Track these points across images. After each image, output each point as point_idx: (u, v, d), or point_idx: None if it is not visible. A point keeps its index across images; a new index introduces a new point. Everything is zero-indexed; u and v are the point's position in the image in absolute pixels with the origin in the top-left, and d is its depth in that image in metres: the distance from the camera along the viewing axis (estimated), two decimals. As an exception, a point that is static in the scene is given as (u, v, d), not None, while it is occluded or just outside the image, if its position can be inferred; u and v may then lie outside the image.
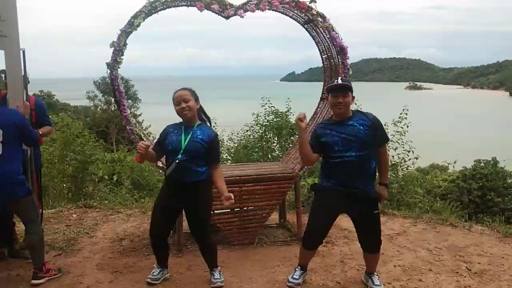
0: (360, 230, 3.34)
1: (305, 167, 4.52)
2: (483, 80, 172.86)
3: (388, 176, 3.45)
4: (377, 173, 3.31)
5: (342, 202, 3.18)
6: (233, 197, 3.20)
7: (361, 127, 3.14)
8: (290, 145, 6.88)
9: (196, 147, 3.17)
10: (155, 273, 3.49)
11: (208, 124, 3.42)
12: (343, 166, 3.13)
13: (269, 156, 8.22)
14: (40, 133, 3.90)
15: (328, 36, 4.30)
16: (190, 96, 3.21)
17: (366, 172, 3.18)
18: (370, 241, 3.32)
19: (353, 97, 3.21)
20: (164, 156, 3.34)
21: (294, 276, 3.46)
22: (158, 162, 3.99)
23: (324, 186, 3.27)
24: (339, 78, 3.22)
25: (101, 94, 34.55)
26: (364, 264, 3.62)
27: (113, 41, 3.69)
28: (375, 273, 3.49)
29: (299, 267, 3.51)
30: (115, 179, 8.90)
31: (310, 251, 3.43)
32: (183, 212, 3.48)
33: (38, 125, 3.93)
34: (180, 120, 3.29)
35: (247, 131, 9.23)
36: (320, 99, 4.86)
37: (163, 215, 3.32)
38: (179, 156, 3.14)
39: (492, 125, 57.42)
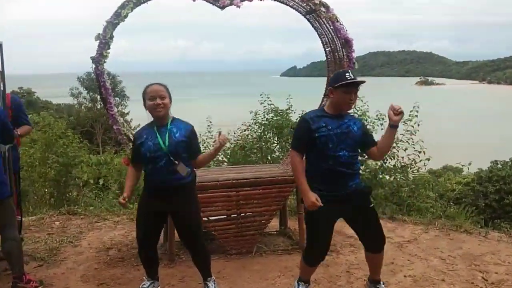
0: (359, 227, 3.29)
1: None
2: (500, 75, 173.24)
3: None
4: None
5: (337, 207, 3.14)
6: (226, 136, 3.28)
7: (355, 127, 3.16)
8: (291, 146, 6.89)
9: (177, 146, 3.17)
10: (145, 286, 3.47)
11: None
12: (336, 166, 3.09)
13: (269, 157, 8.21)
14: (19, 133, 3.90)
15: (331, 27, 4.30)
16: (166, 93, 3.19)
17: (356, 172, 3.21)
18: (372, 237, 3.26)
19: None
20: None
21: None
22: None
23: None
24: (349, 71, 3.12)
25: (86, 91, 34.57)
26: (371, 274, 3.62)
27: (99, 34, 3.69)
28: (381, 282, 3.44)
29: (302, 282, 3.43)
30: (101, 183, 8.90)
31: (314, 267, 3.41)
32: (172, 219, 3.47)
33: (15, 124, 3.91)
34: (146, 121, 3.26)
35: (245, 130, 9.22)
36: (324, 95, 4.86)
37: (150, 222, 3.31)
38: (163, 160, 3.13)
39: (510, 123, 57.56)
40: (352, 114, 3.40)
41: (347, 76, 3.04)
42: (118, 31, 3.75)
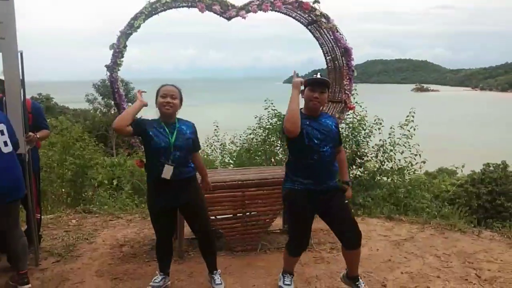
0: (335, 223, 3.21)
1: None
2: (492, 82, 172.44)
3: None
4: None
5: (315, 201, 3.14)
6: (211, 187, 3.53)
7: (332, 125, 3.21)
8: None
9: (187, 143, 3.21)
10: (157, 280, 3.49)
11: None
12: (320, 161, 3.09)
13: (272, 160, 8.20)
14: (38, 136, 3.92)
15: (332, 37, 4.31)
16: (177, 94, 3.21)
17: (335, 169, 3.23)
18: (349, 233, 3.16)
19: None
20: (143, 156, 3.33)
21: (286, 282, 3.41)
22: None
23: (296, 189, 3.17)
24: (319, 73, 3.21)
25: (101, 97, 34.73)
26: (370, 272, 3.61)
27: (113, 43, 3.71)
28: (359, 278, 3.35)
29: (287, 274, 3.44)
30: (115, 184, 8.91)
31: (297, 257, 3.42)
32: (182, 216, 3.48)
33: (36, 128, 3.95)
34: (152, 116, 3.25)
35: (250, 134, 9.23)
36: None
37: (164, 218, 3.30)
38: (171, 155, 3.13)
39: (501, 128, 57.23)
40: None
41: (313, 76, 3.16)
42: (131, 40, 3.77)
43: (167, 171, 3.13)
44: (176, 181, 3.17)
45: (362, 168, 7.38)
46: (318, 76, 3.15)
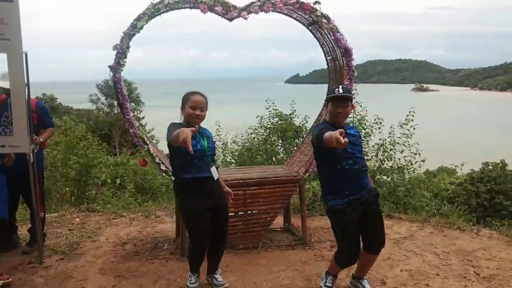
0: (367, 230, 3.20)
1: (310, 169, 4.50)
2: (491, 82, 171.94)
3: None
4: None
5: (359, 209, 3.11)
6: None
7: (357, 135, 3.24)
8: (295, 148, 6.88)
9: (214, 146, 3.36)
10: (193, 280, 3.41)
11: None
12: (355, 169, 3.08)
13: (274, 159, 8.21)
14: (41, 140, 3.93)
15: (332, 37, 4.30)
16: (205, 106, 3.21)
17: (366, 172, 3.23)
18: (377, 240, 3.21)
19: (354, 106, 3.22)
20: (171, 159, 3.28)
21: (327, 284, 3.35)
22: (162, 165, 4.00)
23: (339, 205, 3.09)
24: (340, 86, 3.13)
25: (104, 97, 34.71)
26: (370, 270, 3.59)
27: (116, 44, 3.71)
28: (365, 278, 3.40)
29: (331, 276, 3.36)
30: (118, 183, 8.92)
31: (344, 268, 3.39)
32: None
33: (40, 126, 3.98)
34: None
35: (251, 133, 9.24)
36: (325, 101, 4.85)
37: (207, 221, 3.20)
38: (208, 157, 3.19)
39: (500, 127, 57.10)
40: (350, 119, 3.42)
41: (335, 91, 3.07)
42: (134, 41, 3.77)
43: (214, 172, 3.21)
44: (215, 182, 3.24)
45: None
46: (340, 90, 3.06)
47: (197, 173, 3.13)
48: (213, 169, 3.20)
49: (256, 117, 9.16)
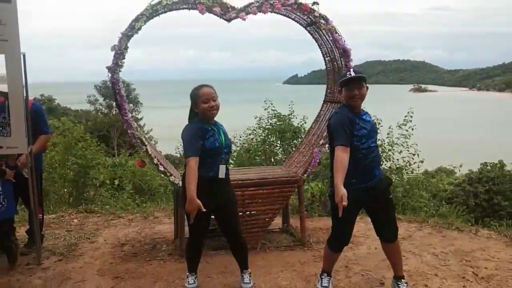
0: (380, 218, 3.25)
1: (309, 170, 4.51)
2: (489, 82, 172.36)
3: None
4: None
5: (363, 197, 3.13)
6: None
7: (372, 122, 3.23)
8: (293, 149, 6.88)
9: (230, 143, 3.27)
10: (191, 281, 3.42)
11: None
12: (369, 157, 3.09)
13: (272, 159, 8.22)
14: (33, 151, 3.86)
15: (331, 38, 4.30)
16: (216, 94, 3.15)
17: (378, 163, 3.24)
18: (390, 227, 3.25)
19: (367, 87, 3.15)
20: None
21: (324, 284, 3.36)
22: (160, 166, 4.00)
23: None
24: (351, 69, 3.14)
25: (102, 98, 34.72)
26: (369, 270, 3.61)
27: (114, 45, 3.70)
28: (403, 279, 3.35)
29: (325, 274, 3.39)
30: (116, 184, 8.92)
31: (338, 253, 3.39)
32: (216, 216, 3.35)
33: (34, 131, 3.89)
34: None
35: (250, 134, 9.24)
36: (324, 101, 4.86)
37: (205, 219, 3.18)
38: (223, 154, 3.16)
39: (498, 128, 57.23)
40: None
41: (347, 74, 3.10)
42: (132, 42, 3.77)
43: (222, 171, 3.17)
44: (224, 180, 3.21)
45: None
46: (352, 73, 3.07)
47: (205, 171, 3.08)
48: (221, 167, 3.16)
49: (255, 118, 9.16)
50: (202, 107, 3.09)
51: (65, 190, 8.01)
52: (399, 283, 3.35)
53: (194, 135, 3.04)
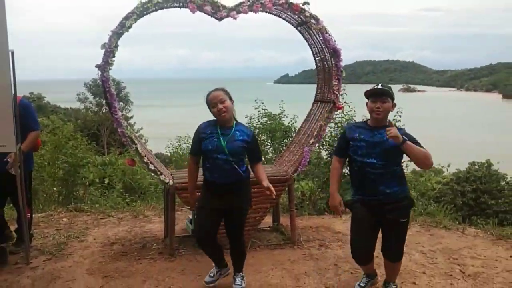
0: (384, 235, 3.22)
1: (299, 169, 4.52)
2: (476, 83, 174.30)
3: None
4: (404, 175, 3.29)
5: (370, 209, 3.12)
6: (273, 189, 3.10)
7: (388, 140, 2.97)
8: (284, 148, 6.89)
9: (238, 148, 3.14)
10: (211, 274, 3.52)
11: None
12: (366, 171, 3.05)
13: (263, 159, 8.21)
14: (23, 149, 3.80)
15: (321, 38, 4.32)
16: (224, 95, 3.13)
17: (390, 176, 3.08)
18: (390, 248, 3.19)
19: (394, 104, 3.08)
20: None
21: (361, 284, 3.44)
22: (150, 165, 3.98)
23: (349, 200, 3.26)
24: (380, 84, 3.10)
25: (92, 96, 34.44)
26: (358, 268, 3.63)
27: (104, 43, 3.67)
28: (392, 283, 3.38)
29: (365, 275, 3.48)
30: (106, 183, 8.85)
31: (364, 266, 3.39)
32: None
33: (23, 127, 3.81)
34: (212, 118, 3.23)
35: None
36: (314, 101, 4.87)
37: (211, 217, 3.23)
38: (223, 157, 3.11)
39: (485, 128, 57.92)
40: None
41: (374, 86, 3.11)
42: (122, 40, 3.73)
43: (222, 174, 3.17)
44: (223, 185, 3.16)
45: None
46: (379, 86, 3.06)
47: (207, 175, 3.23)
48: (222, 172, 3.16)
49: (245, 117, 9.15)
50: (212, 112, 3.16)
51: (54, 188, 7.91)
52: (388, 285, 3.39)
53: (195, 135, 3.24)
